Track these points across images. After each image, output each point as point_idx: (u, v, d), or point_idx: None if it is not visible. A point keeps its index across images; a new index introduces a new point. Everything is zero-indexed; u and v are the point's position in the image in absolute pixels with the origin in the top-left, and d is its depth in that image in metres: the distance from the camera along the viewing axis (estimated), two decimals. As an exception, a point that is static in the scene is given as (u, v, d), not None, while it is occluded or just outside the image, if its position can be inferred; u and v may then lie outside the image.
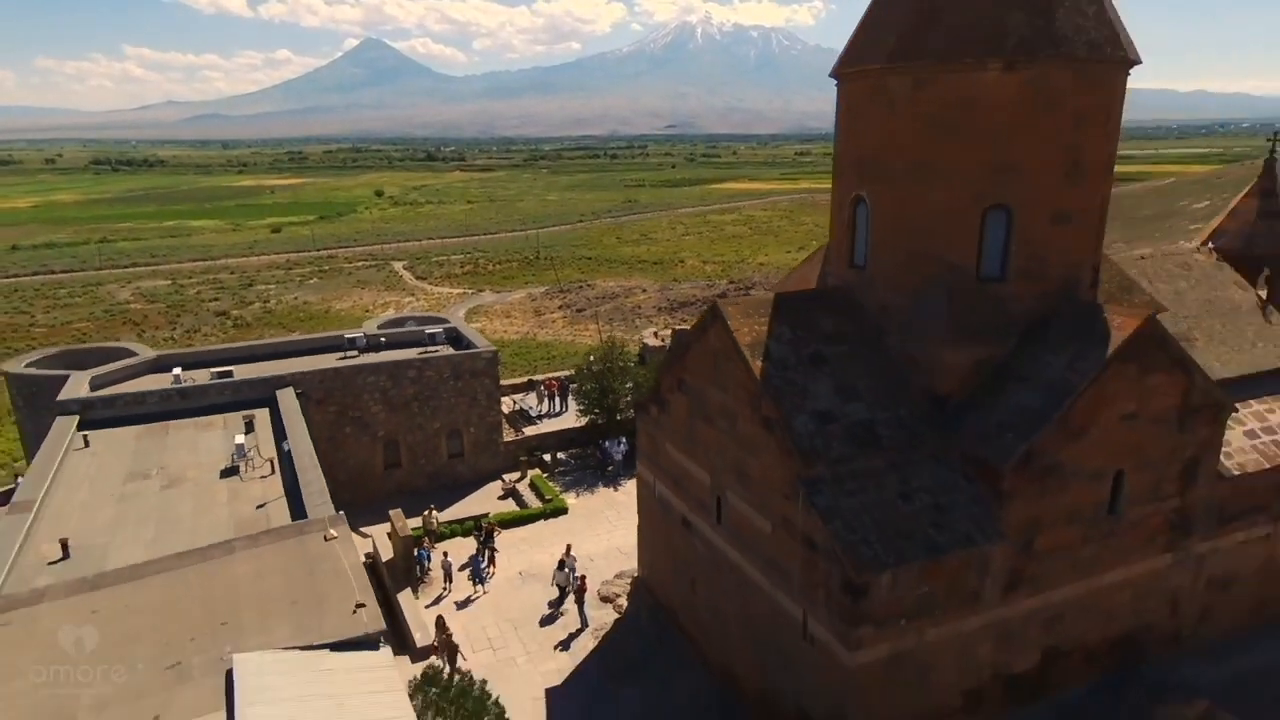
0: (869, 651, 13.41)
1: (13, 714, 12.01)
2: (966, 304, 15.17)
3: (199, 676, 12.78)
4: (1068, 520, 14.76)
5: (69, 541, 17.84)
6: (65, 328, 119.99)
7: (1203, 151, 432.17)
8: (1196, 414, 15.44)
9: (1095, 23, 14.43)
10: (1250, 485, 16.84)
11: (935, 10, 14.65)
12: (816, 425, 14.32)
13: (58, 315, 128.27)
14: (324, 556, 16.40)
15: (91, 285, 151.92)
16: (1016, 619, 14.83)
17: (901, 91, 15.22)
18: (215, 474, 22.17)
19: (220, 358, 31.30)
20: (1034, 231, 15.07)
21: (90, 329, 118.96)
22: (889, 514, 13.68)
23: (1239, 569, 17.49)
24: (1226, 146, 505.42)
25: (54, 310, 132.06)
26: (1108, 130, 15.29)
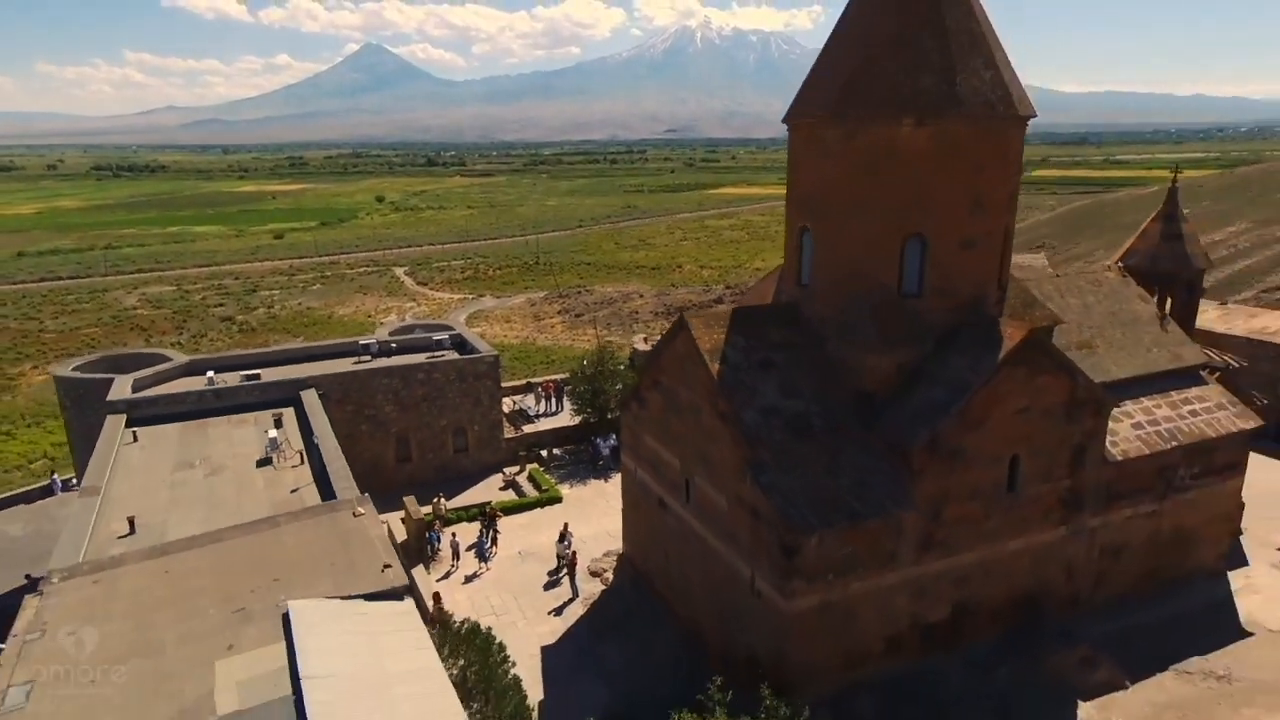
0: (802, 601, 16.50)
1: (114, 648, 15.06)
2: (889, 316, 18.29)
3: (260, 619, 15.83)
4: (971, 496, 17.86)
5: (134, 519, 20.96)
6: (74, 333, 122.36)
7: (1199, 156, 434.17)
8: (1081, 408, 18.55)
9: (991, 86, 17.57)
10: (1134, 469, 19.94)
11: (862, 74, 17.79)
12: (762, 417, 17.43)
13: (66, 321, 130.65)
14: (354, 529, 19.47)
15: (98, 291, 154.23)
16: (929, 577, 17.92)
17: (835, 141, 18.38)
18: (251, 464, 25.32)
19: (248, 362, 34.42)
20: (945, 256, 18.20)
21: (99, 335, 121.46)
22: (819, 489, 16.79)
23: (1128, 540, 20.59)
24: (1224, 151, 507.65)
25: (62, 316, 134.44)
26: (1006, 172, 18.41)
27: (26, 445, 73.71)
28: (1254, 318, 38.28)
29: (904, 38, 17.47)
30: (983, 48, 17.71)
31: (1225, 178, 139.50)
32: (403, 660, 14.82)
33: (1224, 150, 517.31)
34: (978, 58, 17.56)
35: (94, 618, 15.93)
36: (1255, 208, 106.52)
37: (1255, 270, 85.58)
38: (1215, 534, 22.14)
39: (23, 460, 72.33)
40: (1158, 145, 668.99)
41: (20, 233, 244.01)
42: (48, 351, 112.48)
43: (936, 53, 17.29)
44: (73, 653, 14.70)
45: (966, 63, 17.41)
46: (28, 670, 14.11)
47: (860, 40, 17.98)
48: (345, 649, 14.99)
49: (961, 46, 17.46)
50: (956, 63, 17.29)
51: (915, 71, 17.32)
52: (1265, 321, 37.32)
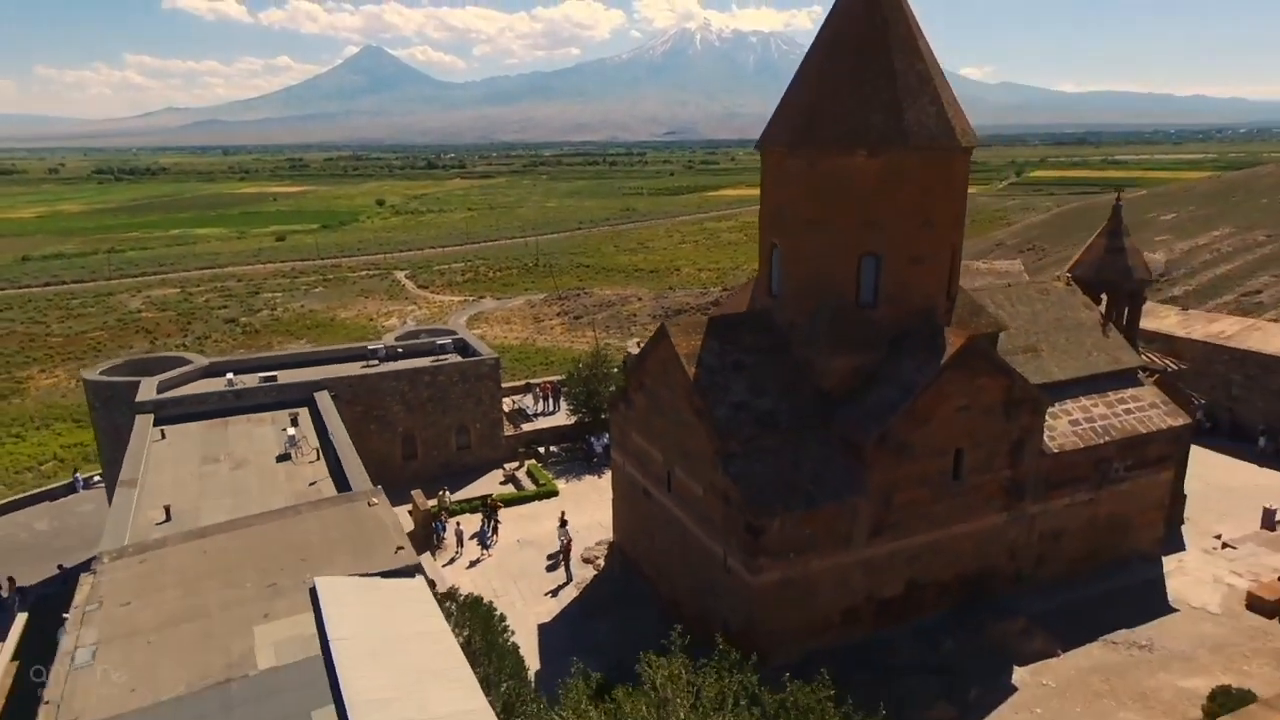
0: (766, 576, 18.72)
1: (165, 615, 17.26)
2: (847, 324, 20.52)
3: (290, 593, 18.03)
4: (919, 484, 20.08)
5: (170, 507, 23.18)
6: (80, 337, 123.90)
7: (1197, 158, 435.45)
8: (1019, 406, 20.78)
9: (935, 120, 19.81)
10: (1071, 461, 22.17)
11: (821, 110, 20.03)
12: (733, 413, 19.66)
13: (72, 325, 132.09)
14: (369, 516, 21.68)
15: (103, 295, 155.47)
16: (882, 556, 20.14)
17: (798, 169, 20.62)
18: (272, 459, 27.53)
19: (264, 364, 36.64)
20: (896, 271, 20.43)
21: (104, 338, 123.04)
22: (782, 477, 19.02)
23: (1067, 525, 22.81)
24: (1221, 152, 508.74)
25: (68, 320, 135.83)
26: (950, 196, 20.65)
27: (36, 447, 75.61)
28: (1212, 323, 40.50)
29: (858, 77, 19.70)
30: (928, 87, 19.94)
31: (1212, 182, 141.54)
32: (415, 626, 17.05)
33: (1221, 151, 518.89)
34: (924, 96, 19.79)
35: (144, 591, 18.16)
36: (1239, 213, 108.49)
37: (1235, 275, 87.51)
38: (1149, 520, 24.36)
39: (33, 462, 74.18)
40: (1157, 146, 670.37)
41: (23, 237, 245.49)
42: (54, 355, 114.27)
43: (886, 91, 19.52)
44: (129, 619, 16.91)
45: (913, 100, 19.64)
46: (92, 634, 16.33)
47: (820, 79, 20.22)
48: (365, 617, 17.20)
49: (909, 86, 19.69)
50: (904, 100, 19.52)
51: (867, 108, 19.55)
52: (1222, 326, 39.53)
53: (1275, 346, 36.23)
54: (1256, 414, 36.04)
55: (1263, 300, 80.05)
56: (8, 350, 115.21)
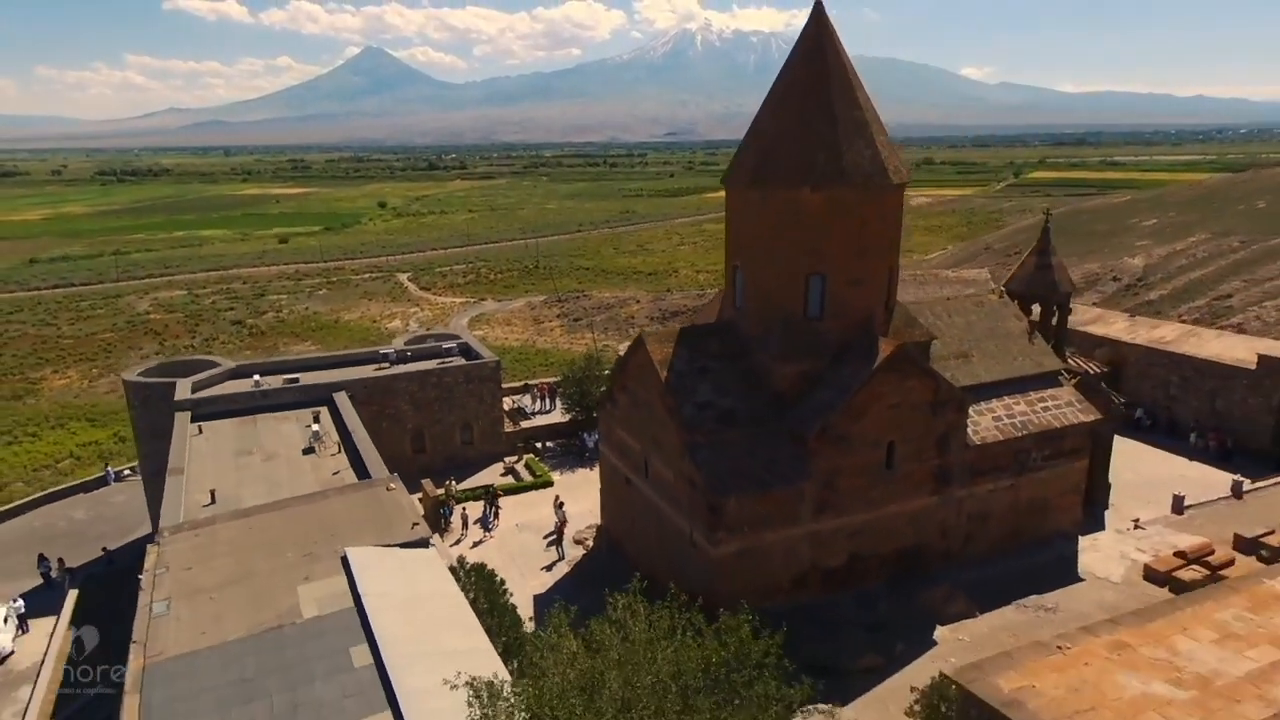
0: (724, 548, 22.22)
1: (221, 577, 20.77)
2: (796, 335, 24.03)
3: (325, 560, 21.54)
4: (857, 471, 23.59)
5: (214, 492, 26.72)
6: (91, 338, 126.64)
7: (1195, 159, 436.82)
8: (944, 405, 24.28)
9: (870, 160, 23.32)
10: (993, 452, 25.69)
11: (773, 152, 23.54)
12: (698, 411, 23.18)
13: (82, 327, 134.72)
14: (388, 499, 25.20)
15: (111, 297, 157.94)
16: (826, 532, 23.65)
17: (755, 202, 24.15)
18: (298, 452, 31.07)
19: (286, 367, 40.19)
20: (839, 290, 23.94)
21: (115, 339, 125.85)
22: (739, 465, 22.52)
23: (991, 508, 26.32)
24: (1220, 153, 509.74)
25: (78, 322, 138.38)
26: (885, 226, 24.16)
27: (53, 445, 78.75)
28: (1155, 329, 43.98)
29: (804, 124, 23.21)
30: (864, 132, 23.45)
31: (1193, 188, 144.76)
32: (429, 586, 20.62)
33: (1220, 152, 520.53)
34: (860, 140, 23.31)
35: (202, 558, 21.72)
36: (1218, 219, 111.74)
37: (1208, 280, 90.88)
38: (1067, 504, 27.86)
39: (50, 460, 77.29)
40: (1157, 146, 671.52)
41: (30, 239, 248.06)
42: (66, 356, 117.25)
43: (828, 136, 23.03)
44: (192, 580, 20.47)
45: (851, 144, 23.15)
46: (164, 591, 19.88)
47: (773, 125, 23.75)
48: (388, 579, 20.75)
49: (848, 131, 23.21)
50: (843, 144, 23.03)
51: (812, 151, 23.06)
52: (1163, 333, 43.03)
53: (1207, 352, 39.74)
54: (1190, 413, 39.56)
55: (1232, 304, 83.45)
56: (21, 352, 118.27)
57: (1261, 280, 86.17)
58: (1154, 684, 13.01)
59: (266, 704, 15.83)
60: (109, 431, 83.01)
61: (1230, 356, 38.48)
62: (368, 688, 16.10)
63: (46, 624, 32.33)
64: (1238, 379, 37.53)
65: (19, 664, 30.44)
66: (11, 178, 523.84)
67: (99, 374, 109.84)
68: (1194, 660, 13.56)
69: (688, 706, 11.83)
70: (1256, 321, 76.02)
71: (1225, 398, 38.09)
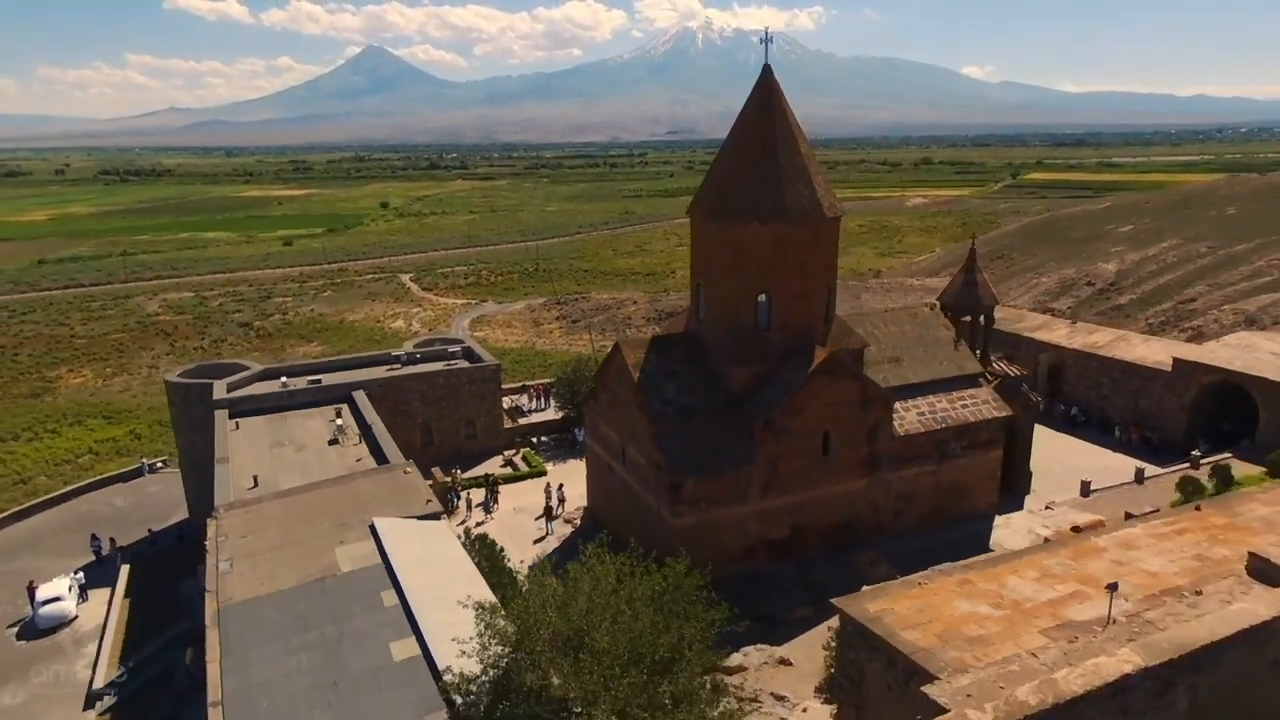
0: (684, 520, 26.89)
1: (272, 543, 25.43)
2: (748, 344, 28.68)
3: (356, 529, 26.19)
4: (797, 457, 28.24)
5: (257, 477, 31.41)
6: (103, 339, 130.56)
7: (1193, 159, 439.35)
8: (871, 403, 28.94)
9: (808, 199, 27.97)
10: (916, 442, 30.34)
11: (728, 192, 28.20)
12: (664, 407, 27.84)
13: (94, 327, 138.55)
14: (405, 480, 29.86)
15: (120, 298, 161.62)
16: (771, 509, 28.30)
17: (713, 233, 28.82)
18: (324, 443, 35.76)
19: (309, 369, 44.92)
20: (783, 305, 28.59)
21: (126, 340, 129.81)
22: (697, 452, 27.18)
23: (916, 490, 30.98)
24: (1218, 154, 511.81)
25: (90, 322, 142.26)
26: (821, 252, 28.80)
27: (71, 442, 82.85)
28: (1090, 334, 48.61)
29: (753, 168, 27.87)
30: (804, 175, 28.10)
31: (1169, 195, 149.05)
32: (441, 550, 25.32)
33: (1219, 152, 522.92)
34: (800, 181, 27.97)
35: (253, 529, 26.42)
36: (1189, 225, 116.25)
37: (1174, 285, 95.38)
38: (984, 488, 32.53)
39: (70, 455, 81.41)
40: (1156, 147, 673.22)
41: (36, 240, 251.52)
42: (80, 356, 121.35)
43: (773, 179, 27.68)
44: (247, 545, 25.14)
45: (792, 185, 27.81)
46: (226, 554, 24.55)
47: (728, 169, 28.43)
48: (408, 543, 25.44)
49: (789, 175, 27.86)
50: (785, 186, 27.68)
51: (759, 191, 27.73)
52: (1097, 338, 47.66)
53: (1132, 355, 44.36)
54: (1118, 410, 44.18)
55: (1195, 308, 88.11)
56: (36, 351, 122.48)
57: (1223, 285, 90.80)
58: (980, 606, 17.74)
59: (318, 633, 20.52)
60: (125, 429, 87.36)
61: (1151, 360, 43.11)
62: (396, 620, 20.81)
63: (101, 594, 37.07)
64: (1157, 380, 42.16)
65: (83, 626, 35.11)
66: (15, 178, 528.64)
67: (113, 373, 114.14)
68: (1015, 591, 18.29)
69: (635, 615, 16.44)
70: (1215, 325, 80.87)
71: (1147, 397, 42.73)
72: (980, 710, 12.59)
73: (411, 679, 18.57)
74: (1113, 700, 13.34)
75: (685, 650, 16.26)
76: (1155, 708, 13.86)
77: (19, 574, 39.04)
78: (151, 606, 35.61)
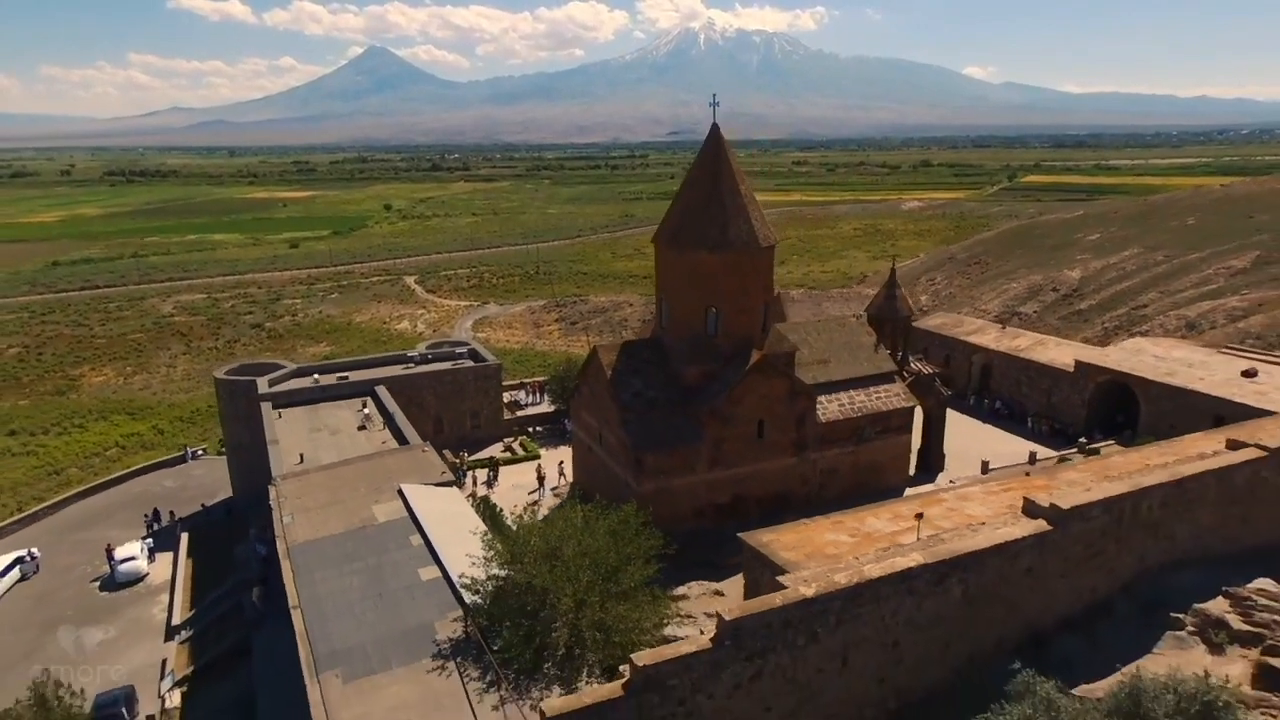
0: (646, 487, 33.98)
1: (320, 502, 32.50)
2: (700, 347, 35.78)
3: (386, 492, 33.27)
4: (737, 439, 35.34)
5: (303, 455, 38.57)
6: (122, 339, 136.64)
7: (1190, 162, 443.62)
8: (798, 396, 36.02)
9: (747, 233, 35.04)
10: (837, 427, 37.42)
11: (684, 225, 35.31)
12: (632, 398, 34.94)
13: (112, 327, 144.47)
14: (423, 457, 37.00)
15: (135, 299, 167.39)
16: (716, 479, 35.40)
17: (672, 258, 35.95)
18: (354, 429, 42.92)
19: (336, 367, 52.12)
20: (729, 317, 35.67)
21: (144, 340, 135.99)
22: (656, 434, 34.29)
23: (838, 467, 38.05)
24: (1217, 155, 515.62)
25: (108, 323, 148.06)
26: (759, 274, 35.83)
27: (99, 436, 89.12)
28: (1016, 339, 55.67)
29: (703, 206, 34.97)
30: (744, 212, 35.17)
31: (1137, 205, 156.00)
32: (454, 509, 32.48)
33: (1217, 154, 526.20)
34: (741, 218, 35.05)
35: (305, 494, 33.58)
36: (1151, 234, 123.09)
37: (1131, 291, 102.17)
38: (897, 467, 39.59)
39: (98, 448, 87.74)
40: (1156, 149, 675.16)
41: (48, 241, 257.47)
42: (101, 355, 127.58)
43: (719, 215, 34.77)
44: (303, 504, 32.29)
45: (734, 221, 34.89)
46: (288, 510, 31.69)
47: (685, 206, 35.53)
48: (429, 502, 32.57)
49: (732, 212, 34.93)
50: (729, 222, 34.77)
51: (708, 225, 34.81)
52: (1020, 342, 54.71)
53: (1047, 358, 51.39)
54: (1034, 405, 51.22)
55: (1147, 313, 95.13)
56: (59, 351, 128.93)
57: (1174, 292, 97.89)
58: (841, 536, 24.90)
59: (363, 563, 27.66)
60: (147, 424, 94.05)
61: (1060, 361, 50.15)
62: (421, 555, 27.95)
63: (164, 556, 44.21)
64: (1063, 379, 49.20)
65: (153, 581, 42.27)
66: (22, 178, 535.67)
67: (133, 372, 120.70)
68: (869, 526, 25.45)
69: (594, 537, 23.50)
70: (1160, 329, 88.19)
71: (1056, 393, 49.78)
72: (808, 586, 19.68)
73: (435, 592, 25.70)
74: (902, 583, 20.42)
75: (628, 563, 23.32)
76: (935, 592, 20.94)
77: (93, 541, 46.29)
78: (210, 565, 42.81)
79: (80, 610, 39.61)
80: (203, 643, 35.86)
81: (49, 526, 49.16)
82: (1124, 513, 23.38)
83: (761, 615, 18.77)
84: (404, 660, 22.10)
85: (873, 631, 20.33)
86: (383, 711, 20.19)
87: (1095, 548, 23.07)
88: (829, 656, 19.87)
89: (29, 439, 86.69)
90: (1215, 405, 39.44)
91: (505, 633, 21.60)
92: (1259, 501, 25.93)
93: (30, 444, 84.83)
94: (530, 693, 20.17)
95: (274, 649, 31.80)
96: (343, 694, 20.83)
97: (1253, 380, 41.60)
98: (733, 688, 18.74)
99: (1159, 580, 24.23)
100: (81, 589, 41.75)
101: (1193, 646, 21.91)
